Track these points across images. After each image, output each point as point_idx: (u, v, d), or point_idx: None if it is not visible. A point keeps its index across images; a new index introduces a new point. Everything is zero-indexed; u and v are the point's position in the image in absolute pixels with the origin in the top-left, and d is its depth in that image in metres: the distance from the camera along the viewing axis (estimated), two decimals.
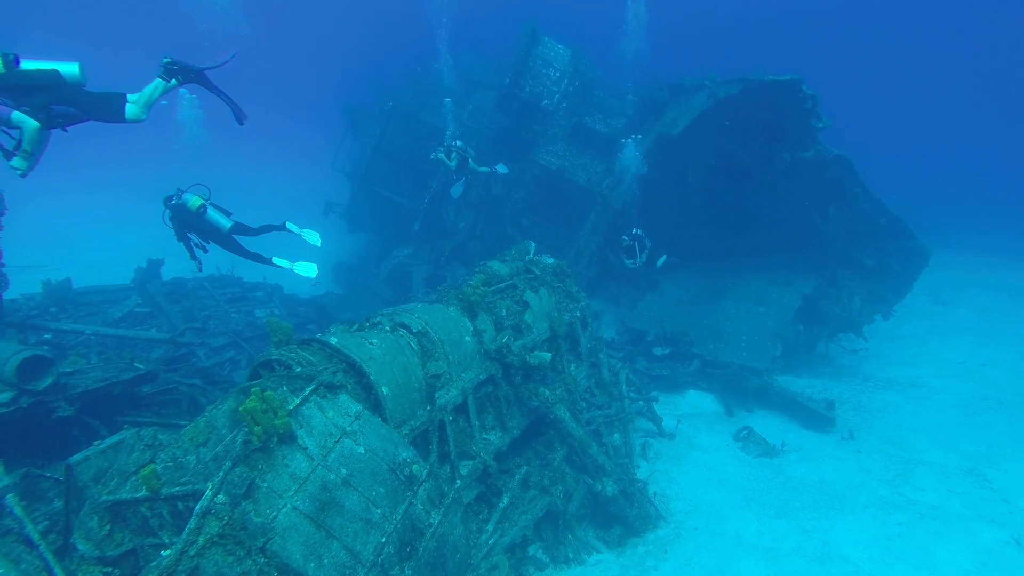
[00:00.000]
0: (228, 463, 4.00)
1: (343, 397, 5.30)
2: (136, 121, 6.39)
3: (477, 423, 7.18)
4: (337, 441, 4.94)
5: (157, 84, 6.43)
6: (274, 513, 4.19)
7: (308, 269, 10.38)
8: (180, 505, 4.06)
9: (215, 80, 7.00)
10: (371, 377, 5.69)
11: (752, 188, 14.44)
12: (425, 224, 18.29)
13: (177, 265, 12.91)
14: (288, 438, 4.59)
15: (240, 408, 4.32)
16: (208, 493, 3.80)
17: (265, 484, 4.29)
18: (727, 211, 15.27)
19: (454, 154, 12.13)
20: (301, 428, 4.79)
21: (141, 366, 7.54)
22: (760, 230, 15.07)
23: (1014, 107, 62.15)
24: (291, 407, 4.78)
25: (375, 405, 5.73)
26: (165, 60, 6.50)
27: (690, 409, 11.98)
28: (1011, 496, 8.55)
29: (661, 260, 12.19)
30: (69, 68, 6.02)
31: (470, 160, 12.40)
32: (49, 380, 6.07)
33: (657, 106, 15.60)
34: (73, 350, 9.00)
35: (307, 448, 4.70)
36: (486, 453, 7.10)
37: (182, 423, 7.19)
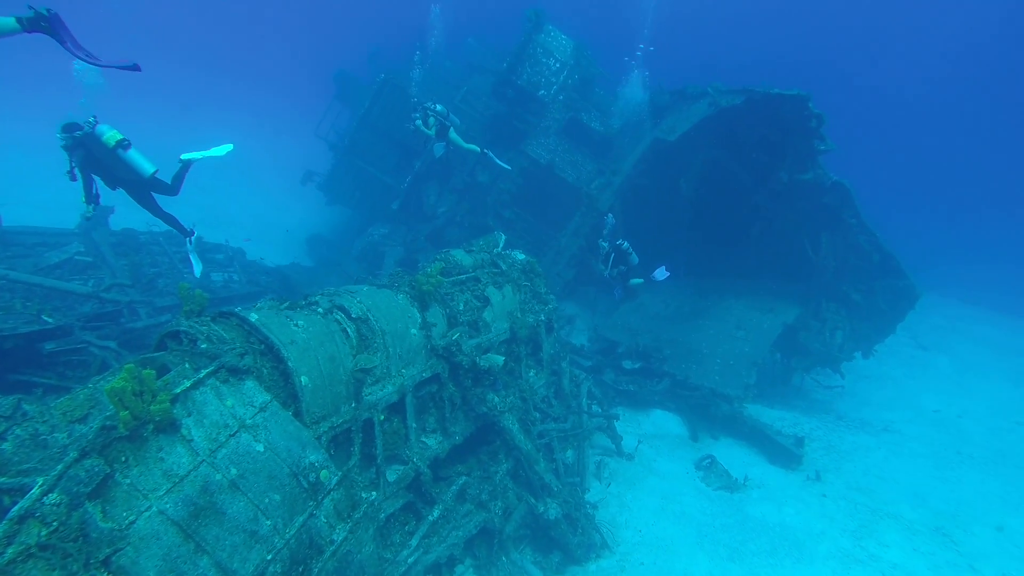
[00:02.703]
0: (73, 454, 3.27)
1: (249, 383, 4.58)
2: None
3: (415, 425, 6.49)
4: (232, 435, 4.22)
5: None
6: (132, 517, 3.48)
7: (222, 149, 8.64)
8: (7, 499, 3.32)
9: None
10: (289, 363, 4.97)
11: (744, 206, 13.84)
12: (404, 205, 17.53)
13: (128, 215, 12.04)
14: (169, 427, 3.87)
15: (105, 388, 3.60)
16: (35, 491, 3.07)
17: (127, 481, 3.57)
18: (716, 227, 14.68)
19: (431, 119, 11.13)
20: (189, 416, 4.07)
21: (50, 320, 6.75)
22: (748, 251, 14.50)
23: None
24: (179, 390, 4.05)
25: (291, 396, 5.01)
26: None
27: (654, 429, 11.38)
28: (978, 563, 8.03)
29: (636, 281, 11.49)
30: None
31: (452, 130, 11.41)
32: None
33: (656, 110, 14.96)
34: None
35: (192, 440, 3.98)
36: (421, 459, 6.41)
37: None
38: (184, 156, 8.16)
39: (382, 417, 6.01)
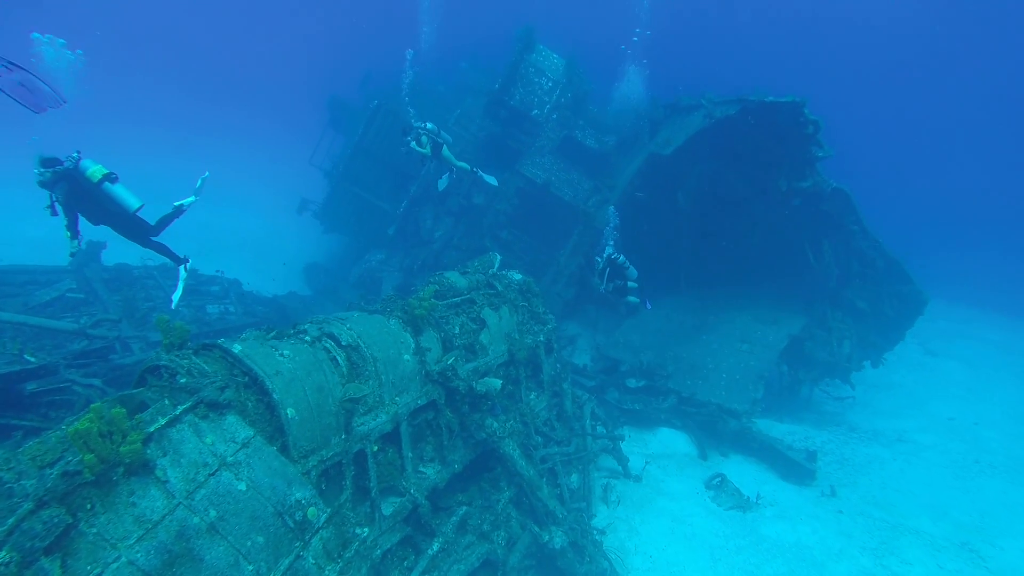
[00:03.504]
0: (28, 505, 3.04)
1: (231, 418, 4.36)
2: None
3: (411, 455, 6.24)
4: (212, 474, 3.99)
5: None
6: (97, 570, 3.24)
7: (200, 180, 8.66)
8: None
9: None
10: (274, 396, 4.75)
11: (744, 217, 13.67)
12: (401, 229, 17.40)
13: (122, 250, 11.88)
14: (141, 468, 3.65)
15: (69, 430, 3.39)
16: None
17: (93, 530, 3.34)
18: (716, 239, 14.50)
19: (424, 139, 10.89)
20: (164, 456, 3.84)
21: (32, 359, 6.54)
22: (749, 262, 14.29)
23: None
24: (152, 428, 3.83)
25: (277, 430, 4.78)
26: None
27: (661, 449, 11.07)
28: None
29: (632, 300, 11.05)
30: None
31: (445, 147, 11.16)
32: None
33: (652, 125, 14.87)
34: None
35: (168, 482, 3.75)
36: (418, 490, 6.15)
37: None
38: (177, 202, 8.13)
39: (376, 448, 5.77)
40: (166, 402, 4.34)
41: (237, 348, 4.92)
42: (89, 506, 3.34)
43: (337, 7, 72.03)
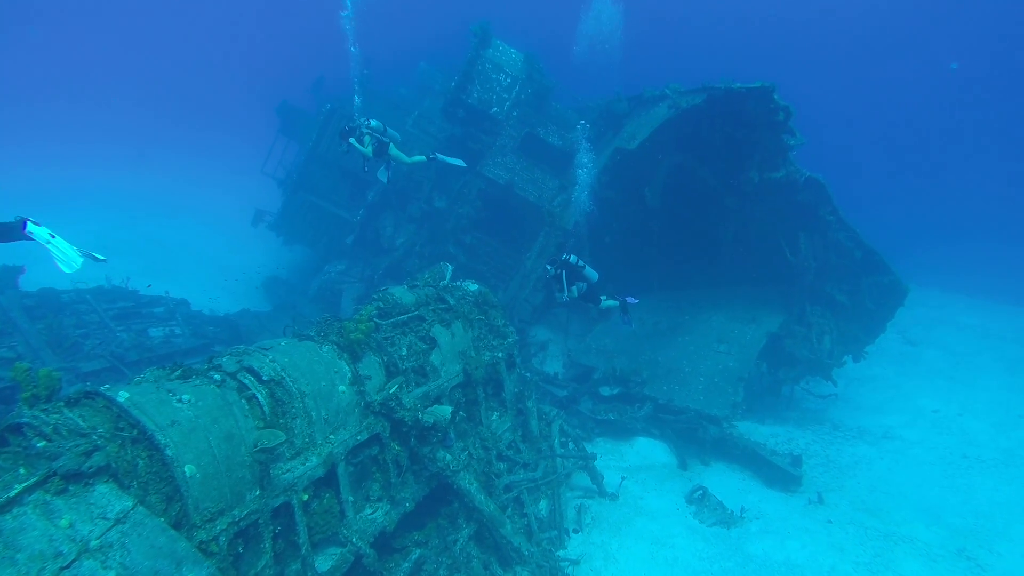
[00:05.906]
0: None
1: (101, 489, 3.56)
2: None
3: (351, 499, 5.48)
4: (66, 567, 3.19)
5: None
6: None
7: (69, 256, 5.43)
8: None
9: None
10: (167, 452, 3.96)
11: (715, 211, 13.08)
12: (360, 238, 16.59)
13: (47, 273, 10.90)
14: None
15: None
16: None
17: None
18: (688, 237, 13.91)
19: (367, 139, 9.87)
20: None
21: None
22: (723, 259, 13.73)
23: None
24: None
25: (174, 492, 4.00)
26: None
27: (639, 460, 10.43)
28: None
29: (609, 303, 10.06)
30: None
31: (392, 145, 10.09)
32: None
33: (616, 119, 14.25)
34: None
35: None
36: (361, 537, 5.40)
37: None
38: (30, 225, 5.38)
39: (305, 497, 5.00)
40: (21, 472, 3.54)
41: (123, 396, 4.12)
42: None
43: (285, 9, 70.74)
